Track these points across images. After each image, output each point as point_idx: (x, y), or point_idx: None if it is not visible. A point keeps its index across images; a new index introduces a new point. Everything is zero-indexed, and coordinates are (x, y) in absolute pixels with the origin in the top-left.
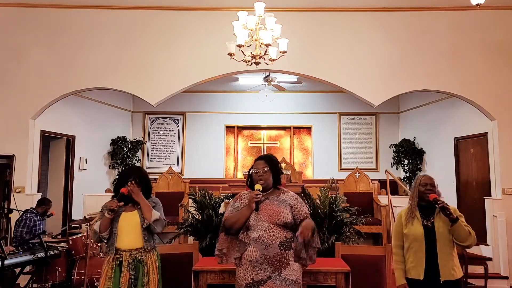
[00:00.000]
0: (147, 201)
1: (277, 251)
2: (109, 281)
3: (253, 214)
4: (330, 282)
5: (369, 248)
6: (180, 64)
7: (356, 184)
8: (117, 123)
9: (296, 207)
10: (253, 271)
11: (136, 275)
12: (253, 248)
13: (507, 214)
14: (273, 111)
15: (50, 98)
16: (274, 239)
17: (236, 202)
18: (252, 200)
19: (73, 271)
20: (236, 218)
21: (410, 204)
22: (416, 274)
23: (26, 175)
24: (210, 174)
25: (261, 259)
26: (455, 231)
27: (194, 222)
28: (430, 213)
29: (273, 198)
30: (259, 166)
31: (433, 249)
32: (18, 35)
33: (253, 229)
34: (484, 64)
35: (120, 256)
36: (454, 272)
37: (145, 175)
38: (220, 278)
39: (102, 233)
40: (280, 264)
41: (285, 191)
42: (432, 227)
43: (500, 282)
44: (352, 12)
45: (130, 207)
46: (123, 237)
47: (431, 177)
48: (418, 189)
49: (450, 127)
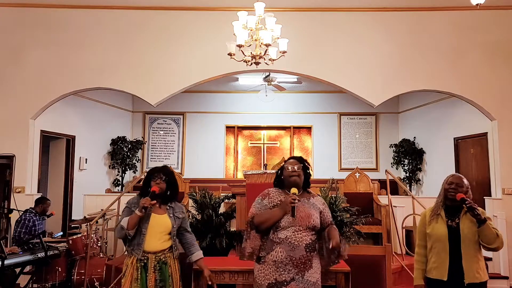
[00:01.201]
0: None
1: (303, 253)
2: (135, 282)
3: (286, 216)
4: (330, 282)
5: (369, 248)
6: (180, 64)
7: (356, 184)
8: (117, 123)
9: (324, 212)
10: (276, 272)
11: (162, 277)
12: (280, 248)
13: (507, 214)
14: (273, 111)
15: (50, 98)
16: (301, 241)
17: (265, 199)
18: (288, 204)
19: (73, 271)
20: (265, 218)
21: (436, 203)
22: (439, 274)
23: (26, 175)
24: (210, 174)
25: (286, 260)
26: (483, 233)
27: (194, 222)
28: (455, 213)
29: (304, 200)
30: (292, 164)
31: (457, 250)
32: (18, 35)
33: (283, 230)
34: (484, 64)
35: (145, 258)
36: (479, 275)
37: (172, 173)
38: (220, 278)
39: (129, 230)
40: (304, 266)
41: (314, 195)
42: (457, 228)
43: (500, 282)
44: (352, 12)
45: (159, 209)
46: (151, 239)
47: (460, 177)
48: (444, 188)
49: (450, 127)
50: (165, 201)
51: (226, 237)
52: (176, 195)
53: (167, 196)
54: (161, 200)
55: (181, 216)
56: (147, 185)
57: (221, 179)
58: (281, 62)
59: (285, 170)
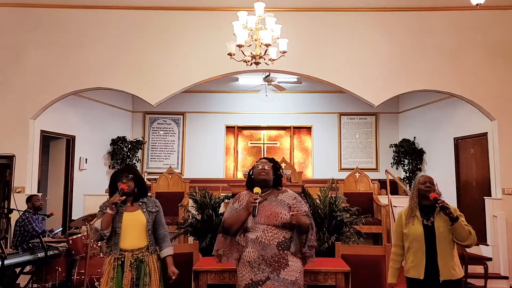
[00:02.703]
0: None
1: (275, 252)
2: (111, 281)
3: (250, 217)
4: (330, 282)
5: (369, 248)
6: (180, 64)
7: (356, 184)
8: (117, 123)
9: (295, 206)
10: (251, 272)
11: (138, 275)
12: (251, 249)
13: (507, 214)
14: (273, 111)
15: (50, 98)
16: (272, 239)
17: (235, 203)
18: (249, 205)
19: (73, 271)
20: (233, 220)
21: (410, 204)
22: (416, 273)
23: (26, 175)
24: (210, 174)
25: (259, 260)
26: (455, 231)
27: (194, 222)
28: (430, 212)
29: (271, 198)
30: (261, 163)
31: (433, 249)
32: (18, 35)
33: (251, 231)
34: (484, 64)
35: (122, 256)
36: (454, 271)
37: (137, 171)
38: (220, 278)
39: (103, 230)
40: (279, 264)
41: (283, 191)
42: (432, 227)
43: (500, 282)
44: (352, 12)
45: (131, 207)
46: (126, 237)
47: (429, 176)
48: (418, 188)
49: (450, 127)
50: (136, 198)
51: None
52: (145, 191)
53: (136, 193)
54: (132, 198)
55: (154, 210)
56: (114, 188)
57: (221, 179)
58: (281, 62)
59: (255, 168)
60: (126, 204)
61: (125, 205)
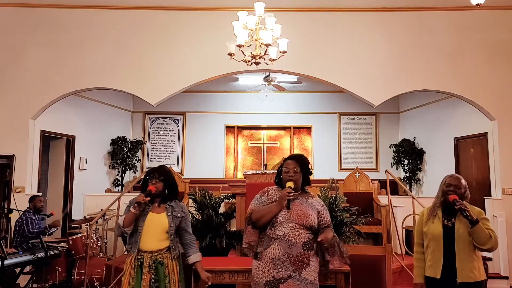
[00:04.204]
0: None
1: (300, 251)
2: (133, 281)
3: (283, 211)
4: (330, 282)
5: (369, 248)
6: (180, 64)
7: (356, 184)
8: (117, 123)
9: (322, 213)
10: (274, 269)
11: (157, 277)
12: (277, 245)
13: (507, 214)
14: (273, 111)
15: (50, 98)
16: (298, 238)
17: (264, 196)
18: (284, 197)
19: (73, 271)
20: (263, 213)
21: (434, 203)
22: (433, 273)
23: (26, 175)
24: (210, 174)
25: (284, 257)
26: (475, 234)
27: (194, 222)
28: (453, 213)
29: (302, 199)
30: (290, 166)
31: (452, 250)
32: (18, 35)
33: (280, 226)
34: (484, 64)
35: (141, 257)
36: (472, 274)
37: (169, 173)
38: (220, 278)
39: (125, 227)
40: (302, 264)
41: (312, 195)
42: (452, 227)
43: (500, 282)
44: (352, 12)
45: (158, 208)
46: (147, 238)
47: (458, 178)
48: (442, 189)
49: (450, 127)
50: (165, 200)
51: (226, 237)
52: (176, 194)
53: (166, 195)
54: (160, 199)
55: (179, 215)
56: (145, 186)
57: (221, 179)
58: (281, 62)
59: (283, 171)
60: (154, 205)
61: (152, 205)
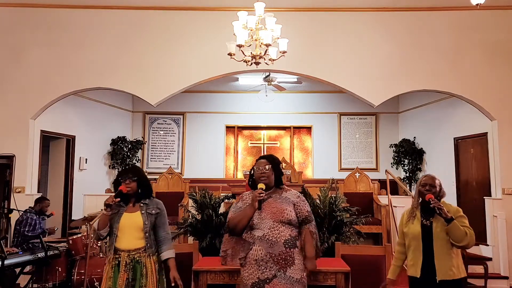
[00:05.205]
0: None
1: (282, 249)
2: (109, 280)
3: (256, 213)
4: (330, 282)
5: (369, 248)
6: (180, 64)
7: (356, 184)
8: (117, 123)
9: (299, 205)
10: (258, 270)
11: (134, 276)
12: (258, 246)
13: (507, 214)
14: (273, 111)
15: (50, 98)
16: (279, 237)
17: (239, 202)
18: (255, 199)
19: (73, 271)
20: (239, 218)
21: (412, 203)
22: (414, 271)
23: (26, 175)
24: (210, 174)
25: (267, 258)
26: (450, 231)
27: (194, 222)
28: (431, 213)
29: (275, 196)
30: (261, 165)
31: (431, 249)
32: (18, 35)
33: (257, 228)
34: (484, 64)
35: (119, 256)
36: (451, 272)
37: (141, 172)
38: (220, 278)
39: (100, 230)
40: (285, 262)
41: (287, 189)
42: (430, 227)
43: (500, 282)
44: (352, 12)
45: (132, 208)
46: (123, 238)
47: (432, 177)
48: (418, 189)
49: (450, 127)
50: (139, 199)
51: None
52: (149, 192)
53: (139, 194)
54: (135, 199)
55: (154, 212)
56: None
57: (221, 179)
58: (281, 62)
59: (255, 171)
60: (128, 205)
61: (126, 205)
